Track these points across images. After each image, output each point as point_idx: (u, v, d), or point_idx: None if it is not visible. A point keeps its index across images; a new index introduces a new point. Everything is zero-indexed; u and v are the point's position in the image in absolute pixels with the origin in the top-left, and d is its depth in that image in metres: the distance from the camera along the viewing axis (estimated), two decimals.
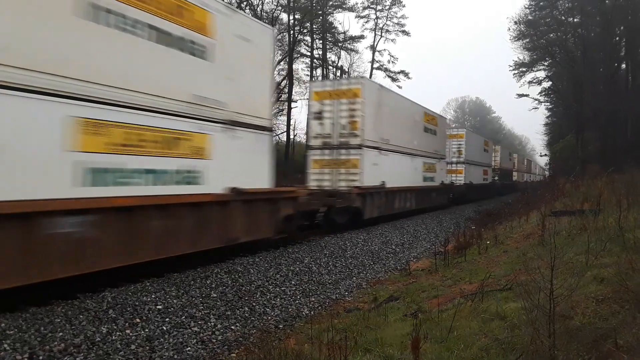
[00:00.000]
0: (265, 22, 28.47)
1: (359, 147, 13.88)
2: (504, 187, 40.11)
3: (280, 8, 33.66)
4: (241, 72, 8.56)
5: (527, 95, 39.33)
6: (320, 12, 36.25)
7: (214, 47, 7.83)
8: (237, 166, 8.42)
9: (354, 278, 8.38)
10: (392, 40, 51.76)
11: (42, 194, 5.27)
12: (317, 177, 14.40)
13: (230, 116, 8.22)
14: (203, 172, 7.61)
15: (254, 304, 6.38)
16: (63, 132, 5.47)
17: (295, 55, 35.70)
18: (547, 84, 39.22)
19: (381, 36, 42.19)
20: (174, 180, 7.09)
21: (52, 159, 5.39)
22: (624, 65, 31.25)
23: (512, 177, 48.43)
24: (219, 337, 5.17)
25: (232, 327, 5.50)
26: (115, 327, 5.05)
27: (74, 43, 5.61)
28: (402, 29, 42.28)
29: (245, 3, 30.40)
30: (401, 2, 41.70)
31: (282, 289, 7.21)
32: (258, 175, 9.08)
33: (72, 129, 5.56)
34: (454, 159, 26.76)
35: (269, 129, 9.50)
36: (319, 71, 38.41)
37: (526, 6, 35.68)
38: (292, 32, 34.25)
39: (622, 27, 29.88)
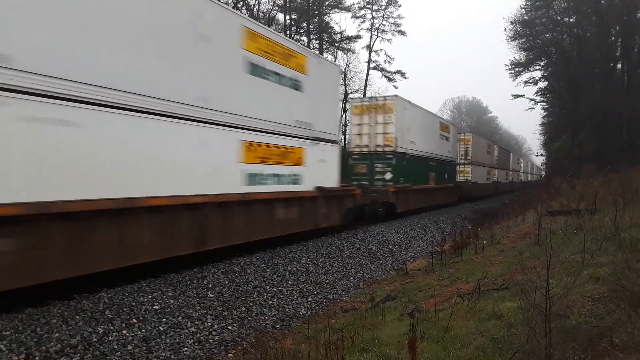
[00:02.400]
0: (262, 22, 28.54)
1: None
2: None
3: (276, 8, 33.66)
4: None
5: (522, 96, 39.33)
6: (316, 12, 36.25)
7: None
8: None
9: (351, 278, 8.38)
10: (389, 40, 51.77)
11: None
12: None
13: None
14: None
15: (251, 304, 6.38)
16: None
17: None
18: (543, 84, 39.29)
19: (377, 36, 42.22)
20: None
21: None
22: (619, 65, 31.33)
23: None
24: (216, 338, 5.17)
25: (229, 328, 5.49)
26: (111, 328, 5.04)
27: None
28: (398, 28, 42.31)
29: (242, 3, 30.36)
30: (397, 2, 41.73)
31: (279, 289, 7.20)
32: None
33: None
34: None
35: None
36: None
37: (522, 6, 35.75)
38: (288, 32, 34.22)
39: (617, 27, 29.97)
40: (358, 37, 39.94)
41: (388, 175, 17.06)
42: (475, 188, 30.31)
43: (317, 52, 36.53)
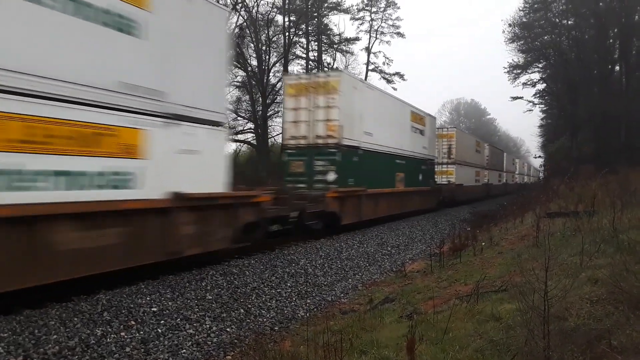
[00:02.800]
0: (261, 24, 28.12)
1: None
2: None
3: (275, 10, 33.66)
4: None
5: (521, 98, 39.42)
6: (315, 14, 36.28)
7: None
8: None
9: (350, 280, 8.38)
10: (387, 42, 51.77)
11: None
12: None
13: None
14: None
15: (249, 306, 6.37)
16: None
17: (291, 57, 35.72)
18: (541, 86, 39.39)
19: (376, 38, 42.28)
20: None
21: None
22: (617, 67, 31.42)
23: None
24: (214, 340, 5.16)
25: (228, 330, 5.49)
26: (109, 330, 5.03)
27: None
28: (397, 30, 42.37)
29: (240, 5, 30.38)
30: (396, 4, 41.82)
31: (278, 290, 7.20)
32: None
33: None
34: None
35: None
36: None
37: (520, 9, 35.83)
38: (287, 34, 34.26)
39: (615, 29, 30.06)
40: (357, 39, 40.00)
41: (331, 176, 12.95)
42: (460, 191, 26.45)
43: (316, 54, 36.69)
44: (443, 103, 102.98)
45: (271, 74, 33.77)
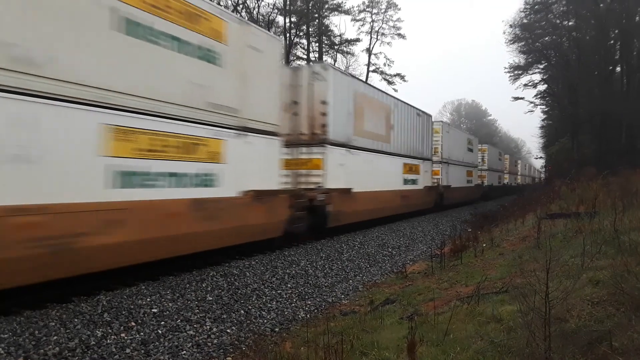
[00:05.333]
0: (262, 27, 28.32)
1: (486, 170, 18.29)
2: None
3: (276, 11, 33.72)
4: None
5: (522, 98, 39.52)
6: (316, 15, 36.34)
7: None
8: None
9: (350, 281, 8.37)
10: (388, 43, 52.01)
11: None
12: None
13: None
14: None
15: (250, 307, 6.36)
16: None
17: (292, 59, 35.74)
18: (542, 87, 39.42)
19: (377, 39, 42.38)
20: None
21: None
22: (618, 69, 31.42)
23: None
24: (215, 341, 5.15)
25: (228, 331, 5.48)
26: (110, 331, 5.02)
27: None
28: (398, 32, 42.48)
29: (241, 6, 30.42)
30: (397, 5, 41.95)
31: (278, 292, 7.19)
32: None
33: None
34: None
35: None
36: None
37: (521, 10, 35.96)
38: (288, 35, 34.29)
39: (616, 31, 30.04)
40: (358, 40, 40.12)
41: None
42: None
43: (317, 55, 36.69)
44: (444, 104, 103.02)
45: None
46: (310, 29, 36.55)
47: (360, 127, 13.85)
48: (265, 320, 5.98)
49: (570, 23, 33.76)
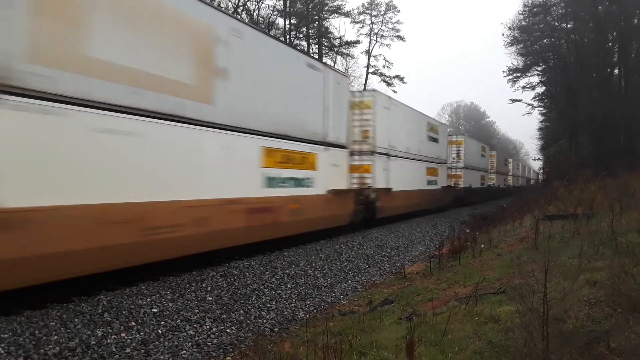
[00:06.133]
0: (262, 27, 28.31)
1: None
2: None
3: (276, 13, 33.77)
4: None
5: (520, 100, 39.61)
6: (316, 18, 36.38)
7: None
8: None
9: (349, 281, 8.39)
10: (387, 45, 51.68)
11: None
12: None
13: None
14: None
15: (250, 307, 6.38)
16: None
17: None
18: (540, 89, 39.49)
19: (376, 41, 42.40)
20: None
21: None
22: (616, 71, 31.46)
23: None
24: (214, 341, 5.17)
25: (228, 331, 5.50)
26: (110, 331, 5.04)
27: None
28: (397, 34, 42.52)
29: (242, 8, 30.45)
30: (396, 7, 41.97)
31: (278, 292, 7.21)
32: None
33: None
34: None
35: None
36: None
37: (520, 12, 35.96)
38: (288, 37, 34.32)
39: (614, 33, 30.11)
40: (357, 42, 40.12)
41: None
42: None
43: (317, 57, 36.71)
44: (443, 106, 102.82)
45: None
46: (310, 31, 36.59)
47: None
48: (264, 320, 6.00)
49: (568, 25, 33.85)
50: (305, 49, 36.90)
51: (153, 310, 5.78)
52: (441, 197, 23.52)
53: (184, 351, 4.83)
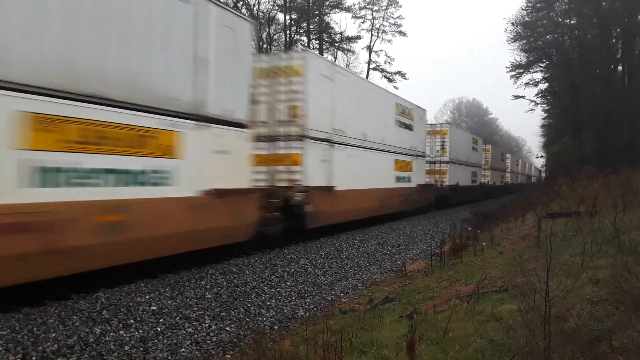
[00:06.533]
0: (262, 22, 28.24)
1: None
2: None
3: (276, 8, 33.72)
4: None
5: (523, 97, 39.52)
6: (316, 12, 36.32)
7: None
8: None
9: (350, 279, 8.37)
10: (389, 40, 51.71)
11: None
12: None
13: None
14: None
15: (249, 305, 6.36)
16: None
17: None
18: (543, 86, 39.40)
19: (377, 37, 42.32)
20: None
21: None
22: (620, 67, 31.35)
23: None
24: (214, 339, 5.15)
25: (227, 329, 5.47)
26: (108, 328, 5.02)
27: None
28: (399, 29, 42.44)
29: (241, 3, 30.39)
30: (397, 2, 41.84)
31: (277, 290, 7.19)
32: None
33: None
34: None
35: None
36: None
37: (523, 8, 35.83)
38: (288, 32, 34.29)
39: (618, 29, 29.98)
40: (358, 37, 40.05)
41: None
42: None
43: (317, 52, 36.68)
44: (444, 102, 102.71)
45: None
46: (310, 26, 36.53)
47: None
48: (264, 318, 5.97)
49: (572, 21, 33.72)
50: (306, 44, 36.87)
51: (152, 307, 5.76)
52: (416, 198, 19.01)
53: (183, 349, 4.81)
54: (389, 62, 42.50)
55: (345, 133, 13.18)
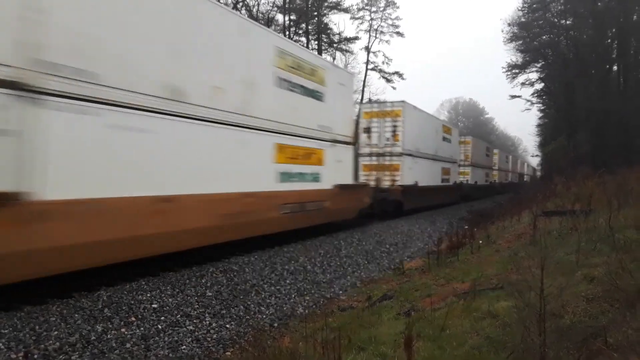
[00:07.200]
0: (261, 23, 28.21)
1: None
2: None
3: (276, 9, 33.65)
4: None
5: (519, 97, 39.58)
6: (315, 14, 36.26)
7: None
8: None
9: (348, 277, 8.42)
10: (387, 41, 51.69)
11: None
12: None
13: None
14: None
15: (249, 302, 6.41)
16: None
17: None
18: (539, 86, 39.51)
19: (375, 37, 42.26)
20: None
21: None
22: (615, 67, 31.47)
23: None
24: (214, 336, 5.20)
25: (227, 326, 5.53)
26: (110, 326, 5.06)
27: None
28: (397, 30, 42.36)
29: (241, 4, 30.35)
30: (395, 3, 41.80)
31: (277, 287, 7.24)
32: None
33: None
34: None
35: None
36: None
37: (519, 8, 35.91)
38: (287, 33, 34.24)
39: (613, 29, 30.09)
40: (356, 38, 39.98)
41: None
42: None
43: (316, 53, 36.66)
44: (442, 102, 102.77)
45: None
46: (309, 27, 36.48)
47: None
48: (264, 316, 6.03)
49: (567, 22, 33.78)
50: (305, 45, 36.82)
51: (153, 305, 5.80)
52: (328, 206, 12.28)
53: (184, 346, 4.86)
54: (386, 63, 42.53)
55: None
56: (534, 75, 38.64)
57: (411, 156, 19.04)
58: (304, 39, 36.65)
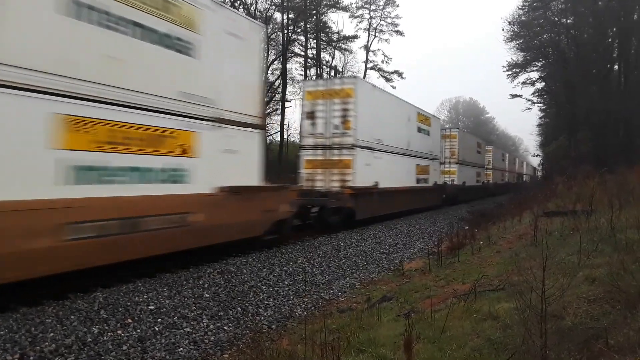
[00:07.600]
0: (259, 21, 28.37)
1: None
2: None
3: (274, 7, 33.65)
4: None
5: (520, 96, 39.65)
6: (314, 12, 36.27)
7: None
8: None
9: (348, 278, 8.38)
10: (386, 40, 51.78)
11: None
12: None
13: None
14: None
15: (247, 304, 6.36)
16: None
17: (289, 55, 35.69)
18: (540, 85, 39.52)
19: (375, 36, 42.34)
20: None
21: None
22: (616, 67, 31.47)
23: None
24: (212, 338, 5.16)
25: (225, 328, 5.48)
26: (106, 328, 5.02)
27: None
28: (396, 29, 42.47)
29: (239, 2, 30.33)
30: (395, 2, 41.85)
31: (275, 289, 7.19)
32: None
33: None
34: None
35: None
36: (312, 71, 38.45)
37: (519, 7, 35.91)
38: (286, 31, 34.24)
39: (614, 29, 30.07)
40: (355, 37, 40.04)
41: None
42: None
43: (315, 52, 36.67)
44: (441, 101, 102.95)
45: (269, 72, 33.76)
46: (308, 26, 36.48)
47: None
48: (262, 317, 5.98)
49: (568, 21, 33.80)
50: (303, 44, 36.82)
51: (150, 307, 5.75)
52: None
53: (181, 348, 4.81)
54: (386, 62, 42.56)
55: None
56: (534, 75, 38.74)
57: (369, 149, 14.75)
58: (302, 38, 36.71)
